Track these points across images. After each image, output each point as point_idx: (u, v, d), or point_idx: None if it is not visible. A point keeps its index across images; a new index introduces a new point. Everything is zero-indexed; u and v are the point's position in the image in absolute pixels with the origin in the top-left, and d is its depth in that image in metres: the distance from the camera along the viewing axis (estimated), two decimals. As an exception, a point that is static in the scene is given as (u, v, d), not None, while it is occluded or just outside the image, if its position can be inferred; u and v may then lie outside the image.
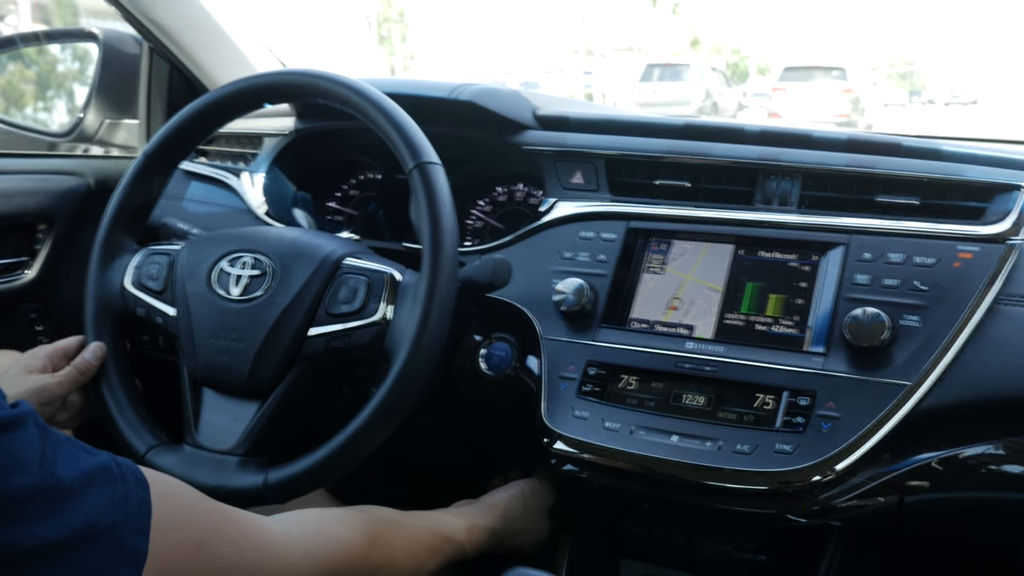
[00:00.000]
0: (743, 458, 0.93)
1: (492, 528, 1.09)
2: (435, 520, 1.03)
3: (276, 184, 1.42)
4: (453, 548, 1.01)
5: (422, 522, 1.00)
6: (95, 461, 0.60)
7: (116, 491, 0.60)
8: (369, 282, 0.97)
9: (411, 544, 0.96)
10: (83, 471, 0.58)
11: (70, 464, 0.58)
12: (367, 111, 0.98)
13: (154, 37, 1.48)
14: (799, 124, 1.25)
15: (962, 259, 0.97)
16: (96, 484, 0.59)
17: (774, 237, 1.07)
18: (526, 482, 1.21)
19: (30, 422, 0.57)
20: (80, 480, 0.58)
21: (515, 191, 1.36)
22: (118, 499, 0.60)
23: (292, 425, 1.01)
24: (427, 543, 0.98)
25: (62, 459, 0.58)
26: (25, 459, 0.55)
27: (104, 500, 0.59)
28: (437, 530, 1.01)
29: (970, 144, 1.11)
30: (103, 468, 0.60)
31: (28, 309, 1.44)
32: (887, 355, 0.94)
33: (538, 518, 1.20)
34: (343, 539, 0.86)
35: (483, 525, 1.08)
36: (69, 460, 0.58)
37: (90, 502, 0.57)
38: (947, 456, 0.93)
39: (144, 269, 1.06)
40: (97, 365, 1.03)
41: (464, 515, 1.08)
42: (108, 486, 0.60)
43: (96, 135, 1.56)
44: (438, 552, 0.99)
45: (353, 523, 0.89)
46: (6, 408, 0.56)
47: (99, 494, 0.58)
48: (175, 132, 1.09)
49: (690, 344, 1.03)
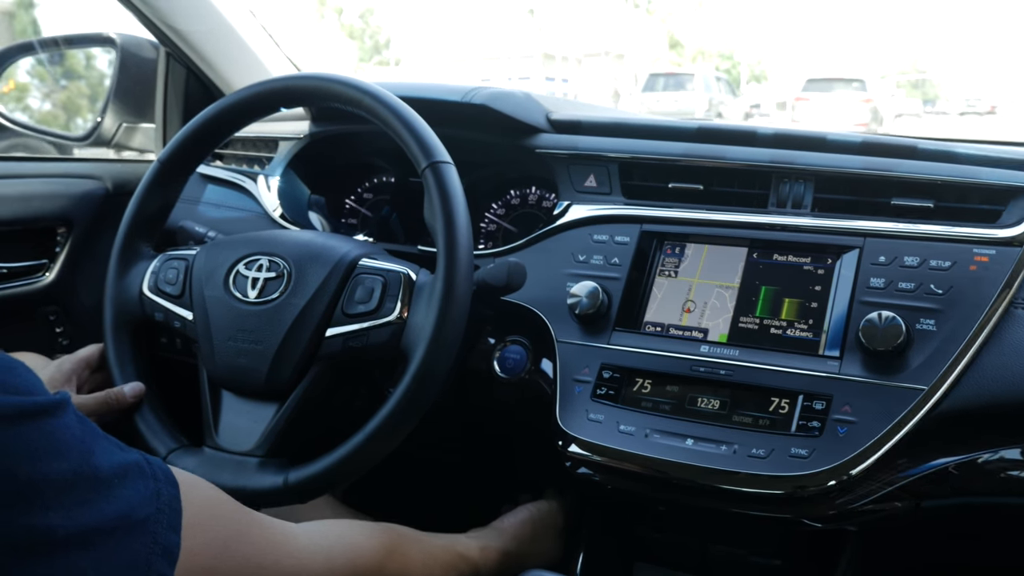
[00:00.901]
0: (758, 462, 0.92)
1: (505, 551, 1.10)
2: (450, 539, 1.04)
3: (291, 187, 1.43)
4: (467, 566, 1.02)
5: (438, 540, 1.02)
6: (128, 457, 0.61)
7: (148, 487, 0.61)
8: (385, 282, 0.98)
9: (427, 558, 0.97)
10: (118, 464, 0.59)
11: (106, 455, 0.58)
12: (380, 113, 0.99)
13: (171, 42, 1.49)
14: (813, 127, 1.24)
15: (978, 262, 0.97)
16: (130, 478, 0.59)
17: (788, 240, 1.07)
18: (535, 505, 1.22)
19: (70, 410, 0.58)
20: (115, 472, 0.58)
21: (528, 194, 1.36)
22: (150, 495, 0.60)
23: (311, 426, 1.02)
24: (443, 559, 0.99)
25: (99, 450, 0.58)
26: (65, 445, 0.56)
27: (137, 494, 0.59)
28: (452, 548, 1.02)
29: (986, 147, 1.10)
30: (136, 465, 0.61)
31: (47, 311, 1.45)
32: (903, 359, 0.93)
33: (548, 540, 1.21)
34: (363, 548, 0.87)
35: (495, 547, 1.09)
36: (105, 452, 0.59)
37: (125, 494, 0.58)
38: (964, 461, 0.93)
39: (161, 274, 1.07)
40: (130, 403, 1.03)
41: (477, 538, 1.09)
42: (141, 482, 0.60)
43: (114, 139, 1.57)
44: (452, 568, 1.00)
45: (373, 534, 0.90)
46: (47, 393, 0.57)
47: (133, 488, 0.59)
48: (190, 138, 1.10)
49: (704, 347, 1.03)
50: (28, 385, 0.56)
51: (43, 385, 0.58)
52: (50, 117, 2.12)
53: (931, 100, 33.55)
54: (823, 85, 16.82)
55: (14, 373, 0.55)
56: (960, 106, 28.75)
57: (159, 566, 0.60)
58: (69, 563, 0.54)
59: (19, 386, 0.55)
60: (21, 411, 0.53)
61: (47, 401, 0.56)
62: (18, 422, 0.53)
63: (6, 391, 0.53)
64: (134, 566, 0.58)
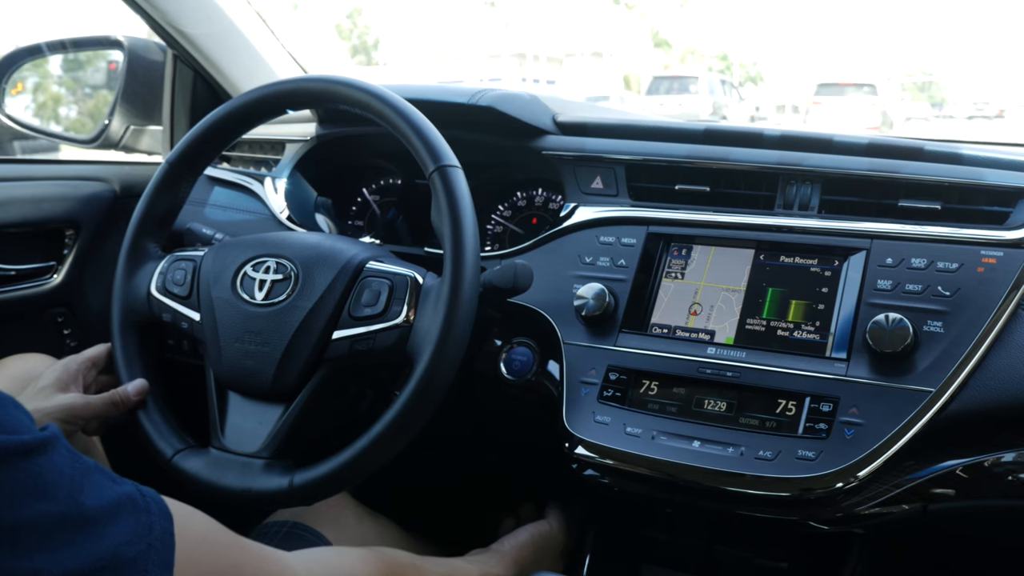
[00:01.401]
0: (765, 464, 0.92)
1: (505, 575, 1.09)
2: (449, 565, 1.03)
3: (298, 189, 1.43)
4: None
5: (436, 567, 1.00)
6: (120, 490, 0.59)
7: (140, 522, 0.59)
8: (392, 285, 0.98)
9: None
10: (109, 500, 0.58)
11: (96, 493, 0.57)
12: (387, 116, 0.99)
13: (178, 45, 1.49)
14: (820, 128, 1.24)
15: (986, 264, 0.97)
16: (121, 514, 0.58)
17: (795, 242, 1.07)
18: (536, 526, 1.21)
19: (60, 446, 0.56)
20: (105, 510, 0.57)
21: (535, 196, 1.36)
22: (142, 530, 0.59)
23: (316, 428, 1.02)
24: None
25: (88, 487, 0.57)
26: (52, 486, 0.54)
27: (128, 531, 0.58)
28: (453, 574, 1.01)
29: (993, 148, 1.10)
30: (128, 498, 0.59)
31: (55, 313, 1.46)
32: (910, 361, 0.93)
33: (549, 562, 1.20)
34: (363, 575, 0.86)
35: (496, 573, 1.09)
36: (96, 488, 0.57)
37: (114, 532, 0.57)
38: (972, 463, 0.92)
39: (169, 275, 1.07)
40: (135, 402, 1.03)
41: (477, 563, 1.08)
42: (133, 516, 0.59)
43: (121, 141, 1.58)
44: None
45: (370, 562, 0.89)
46: (35, 431, 0.55)
47: (124, 524, 0.58)
48: (198, 140, 1.10)
49: (711, 349, 1.03)
50: (15, 422, 0.54)
51: (32, 422, 0.56)
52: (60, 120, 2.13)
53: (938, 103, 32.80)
54: (835, 90, 17.17)
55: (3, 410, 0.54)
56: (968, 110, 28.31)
57: None
58: None
59: (6, 423, 0.53)
60: (8, 450, 0.52)
61: (35, 439, 0.54)
62: (4, 463, 0.52)
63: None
64: None
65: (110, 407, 1.02)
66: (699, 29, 36.74)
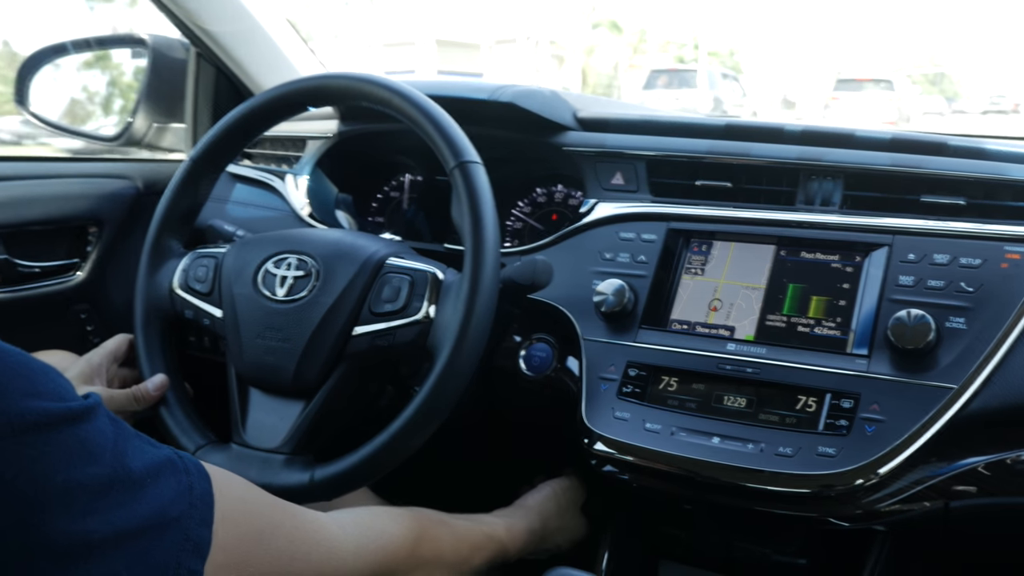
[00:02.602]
0: (785, 460, 0.92)
1: (531, 528, 1.10)
2: (477, 520, 1.05)
3: (319, 186, 1.44)
4: (496, 545, 1.03)
5: (465, 521, 1.02)
6: (160, 454, 0.62)
7: (181, 483, 0.61)
8: (412, 281, 0.98)
9: (457, 540, 0.97)
10: (151, 463, 0.60)
11: (139, 456, 0.59)
12: (408, 112, 0.99)
13: (201, 42, 1.50)
14: (841, 123, 1.23)
15: (1010, 260, 0.96)
16: (163, 476, 0.60)
17: (816, 238, 1.06)
18: (556, 481, 1.23)
19: (102, 413, 0.59)
20: (148, 471, 0.59)
21: (555, 192, 1.36)
22: (183, 490, 0.61)
23: (337, 423, 1.02)
24: (472, 539, 1.00)
25: (131, 451, 0.59)
26: (99, 450, 0.56)
27: (170, 491, 0.60)
28: (480, 529, 1.02)
29: (1016, 143, 1.09)
30: (168, 461, 0.62)
31: (79, 310, 1.48)
32: (932, 357, 0.93)
33: (573, 514, 1.21)
34: (393, 533, 0.88)
35: (522, 526, 1.09)
36: (138, 452, 0.59)
37: (157, 493, 0.59)
38: (994, 461, 0.91)
39: (191, 272, 1.08)
40: (156, 397, 1.04)
41: (503, 516, 1.10)
42: (174, 478, 0.61)
43: (144, 139, 1.59)
44: (482, 549, 1.00)
45: (401, 519, 0.91)
46: (79, 399, 0.57)
47: (166, 485, 0.60)
48: (220, 137, 1.11)
49: (731, 346, 1.02)
50: (61, 390, 0.56)
51: (74, 389, 0.58)
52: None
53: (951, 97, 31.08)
54: (853, 85, 17.06)
55: (48, 378, 0.56)
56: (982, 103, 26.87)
57: (189, 562, 0.60)
58: (105, 565, 0.55)
59: (53, 391, 0.55)
60: (56, 417, 0.54)
61: (80, 406, 0.56)
62: (53, 428, 0.54)
63: (40, 397, 0.54)
64: (164, 564, 0.59)
65: (132, 402, 1.03)
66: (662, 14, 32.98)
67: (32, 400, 0.53)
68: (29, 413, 0.52)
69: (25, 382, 0.54)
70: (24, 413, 0.52)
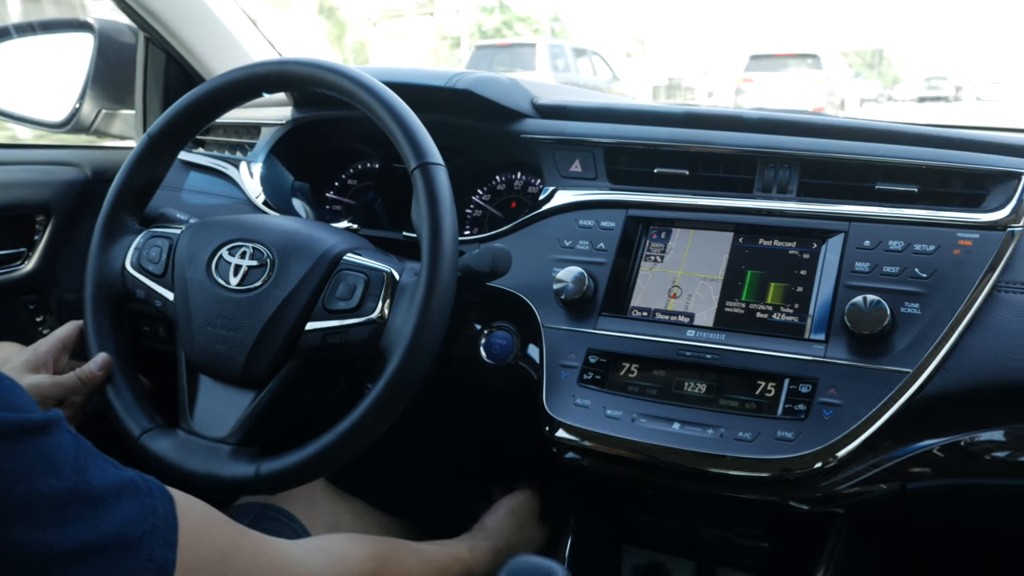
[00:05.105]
0: (745, 445, 0.93)
1: (495, 548, 1.12)
2: (441, 544, 1.07)
3: (274, 174, 1.42)
4: (461, 567, 1.04)
5: (430, 545, 1.04)
6: (123, 475, 0.61)
7: (144, 504, 0.61)
8: (367, 280, 0.97)
9: (423, 563, 0.98)
10: (113, 481, 0.59)
11: (101, 473, 0.59)
12: (370, 105, 0.97)
13: (150, 27, 1.47)
14: (799, 112, 1.24)
15: (962, 246, 0.97)
16: (124, 496, 0.60)
17: (773, 225, 1.07)
18: (511, 498, 1.25)
19: (63, 428, 0.58)
20: (110, 489, 0.58)
21: (514, 180, 1.36)
22: (146, 511, 0.61)
23: (286, 417, 1.01)
24: (438, 562, 1.01)
25: (93, 467, 0.58)
26: (59, 462, 0.56)
27: (133, 512, 0.60)
28: (443, 551, 1.04)
29: (969, 131, 1.11)
30: (131, 482, 0.61)
31: (27, 300, 1.44)
32: (888, 342, 0.94)
33: (532, 525, 1.23)
34: (357, 557, 0.88)
35: (485, 546, 1.11)
36: (100, 470, 0.59)
37: (120, 512, 0.58)
38: (948, 443, 0.93)
39: (145, 252, 1.06)
40: (101, 377, 1.02)
41: (469, 542, 1.11)
42: (136, 499, 0.61)
43: (92, 125, 1.55)
44: (448, 571, 1.02)
45: (366, 544, 0.91)
46: (38, 411, 0.57)
47: (128, 505, 0.59)
48: (178, 116, 1.08)
49: (691, 332, 1.03)
50: (20, 402, 0.56)
51: (36, 403, 0.58)
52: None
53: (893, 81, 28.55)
54: (772, 63, 14.28)
55: (9, 390, 0.55)
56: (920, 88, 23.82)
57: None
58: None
59: (13, 403, 0.55)
60: (16, 428, 0.53)
61: (40, 418, 0.56)
62: (13, 439, 0.53)
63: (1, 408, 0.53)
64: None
65: (78, 385, 1.00)
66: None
67: None
68: None
69: None
70: None
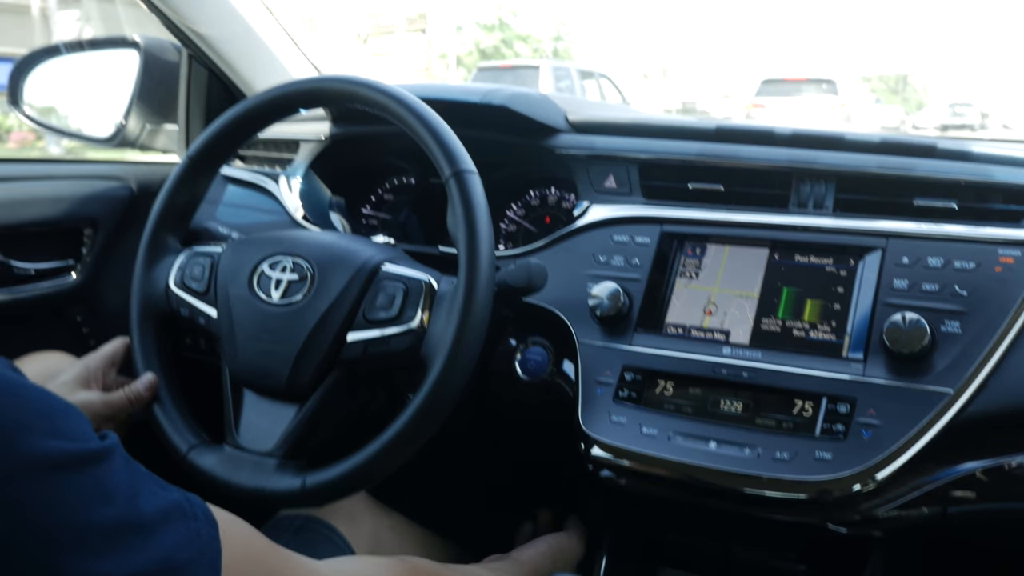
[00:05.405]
0: (782, 465, 0.92)
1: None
2: (469, 572, 1.04)
3: (312, 188, 1.44)
4: None
5: (457, 572, 1.01)
6: (170, 497, 0.61)
7: (190, 528, 0.61)
8: (407, 289, 0.98)
9: None
10: (161, 506, 0.59)
11: (150, 498, 0.59)
12: (404, 117, 0.99)
13: (193, 44, 1.50)
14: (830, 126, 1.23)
15: (1003, 263, 0.96)
16: (172, 520, 0.60)
17: (810, 241, 1.06)
18: (555, 537, 1.22)
19: (118, 453, 0.59)
20: (159, 515, 0.59)
21: (548, 195, 1.36)
22: (191, 536, 0.61)
23: (330, 429, 1.02)
24: None
25: (144, 493, 0.59)
26: (113, 491, 0.56)
27: (180, 537, 0.59)
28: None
29: (1006, 145, 1.09)
30: (177, 505, 0.61)
31: (75, 312, 1.47)
32: (928, 362, 0.92)
33: (567, 573, 1.21)
34: None
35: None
36: (150, 494, 0.59)
37: (167, 538, 0.58)
38: (992, 466, 0.91)
39: (188, 270, 1.08)
40: (148, 397, 1.04)
41: (497, 571, 1.09)
42: (183, 523, 0.61)
43: (137, 140, 1.59)
44: None
45: (397, 571, 0.90)
46: (95, 440, 0.57)
47: (175, 530, 0.59)
48: (217, 136, 1.10)
49: (727, 350, 1.02)
50: (80, 431, 0.56)
51: (92, 428, 0.58)
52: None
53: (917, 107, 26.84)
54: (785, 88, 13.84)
55: (67, 418, 0.56)
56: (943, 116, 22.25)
57: None
58: None
59: (71, 432, 0.55)
60: (75, 458, 0.54)
61: (99, 447, 0.56)
62: (73, 469, 0.54)
63: (59, 437, 0.54)
64: None
65: (127, 404, 1.03)
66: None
67: (52, 440, 0.53)
68: (50, 453, 0.52)
69: (45, 421, 0.53)
70: (45, 453, 0.52)
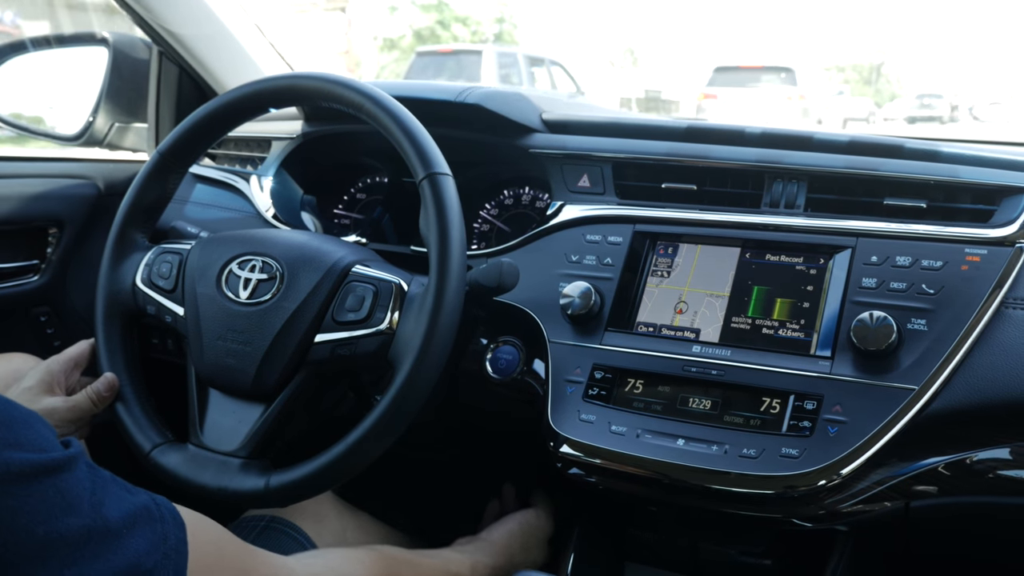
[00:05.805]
0: (749, 462, 0.92)
1: (495, 565, 1.11)
2: (442, 558, 1.05)
3: (284, 187, 1.43)
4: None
5: (430, 560, 1.02)
6: (137, 501, 0.61)
7: (156, 532, 0.61)
8: (376, 291, 0.97)
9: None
10: (127, 511, 0.59)
11: (116, 504, 0.59)
12: (378, 117, 0.98)
13: (164, 41, 1.48)
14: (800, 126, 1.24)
15: (970, 262, 0.97)
16: (138, 525, 0.59)
17: (781, 240, 1.07)
18: (523, 515, 1.23)
19: (81, 461, 0.58)
20: (125, 521, 0.58)
21: (521, 194, 1.36)
22: (158, 540, 0.60)
23: (296, 429, 1.01)
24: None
25: (109, 499, 0.58)
26: (77, 500, 0.56)
27: (146, 542, 0.59)
28: (445, 568, 1.03)
29: (976, 146, 1.10)
30: (144, 508, 0.61)
31: (39, 312, 1.45)
32: (894, 359, 0.93)
33: (537, 549, 1.22)
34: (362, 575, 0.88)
35: (486, 563, 1.10)
36: (115, 500, 0.59)
37: (133, 544, 0.58)
38: (954, 461, 0.93)
39: (155, 267, 1.07)
40: (110, 397, 1.03)
41: (468, 553, 1.10)
42: (149, 527, 0.60)
43: (105, 138, 1.57)
44: None
45: (368, 562, 0.91)
46: (58, 449, 0.57)
47: (141, 535, 0.59)
48: (188, 133, 1.09)
49: (696, 348, 1.03)
50: (42, 440, 0.56)
51: (55, 436, 0.58)
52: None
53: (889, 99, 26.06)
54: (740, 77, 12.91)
55: (29, 428, 0.55)
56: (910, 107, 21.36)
57: None
58: None
59: (34, 442, 0.55)
60: (38, 468, 0.54)
61: (61, 456, 0.56)
62: (34, 480, 0.53)
63: (22, 448, 0.53)
64: None
65: (90, 407, 1.01)
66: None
67: (13, 451, 0.52)
68: (12, 464, 0.52)
69: (6, 431, 0.53)
70: (6, 465, 0.51)
